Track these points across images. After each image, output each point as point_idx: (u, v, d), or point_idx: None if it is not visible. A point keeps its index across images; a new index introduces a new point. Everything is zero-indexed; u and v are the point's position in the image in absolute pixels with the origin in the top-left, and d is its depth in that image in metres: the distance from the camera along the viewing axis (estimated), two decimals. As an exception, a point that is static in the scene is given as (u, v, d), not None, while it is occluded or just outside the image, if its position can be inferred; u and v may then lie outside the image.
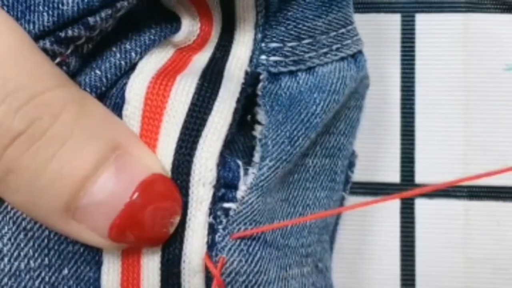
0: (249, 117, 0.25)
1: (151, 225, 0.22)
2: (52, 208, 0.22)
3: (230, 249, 0.23)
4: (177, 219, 0.23)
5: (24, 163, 0.21)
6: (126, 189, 0.22)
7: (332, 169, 0.27)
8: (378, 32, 0.28)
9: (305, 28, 0.26)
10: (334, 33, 0.27)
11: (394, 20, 0.32)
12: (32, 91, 0.21)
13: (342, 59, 0.27)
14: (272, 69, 0.25)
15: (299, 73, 0.26)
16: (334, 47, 0.27)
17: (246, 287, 0.23)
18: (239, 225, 0.23)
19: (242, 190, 0.23)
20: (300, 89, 0.26)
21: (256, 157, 0.24)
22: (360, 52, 0.28)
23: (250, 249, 0.23)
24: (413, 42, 0.32)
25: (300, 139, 0.25)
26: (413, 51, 0.32)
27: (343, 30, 0.27)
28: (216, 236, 0.23)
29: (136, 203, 0.22)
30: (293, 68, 0.26)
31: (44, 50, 0.22)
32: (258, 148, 0.24)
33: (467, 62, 0.32)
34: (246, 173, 0.24)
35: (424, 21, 0.32)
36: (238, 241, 0.23)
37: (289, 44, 0.26)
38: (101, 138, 0.22)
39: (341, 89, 0.26)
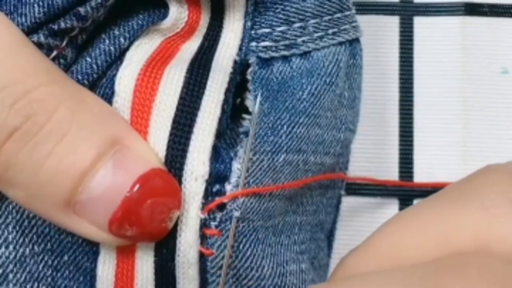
0: (238, 100, 0.25)
1: (149, 220, 0.22)
2: (53, 204, 0.22)
3: (220, 245, 0.23)
4: (176, 214, 0.23)
5: (21, 159, 0.21)
6: (124, 183, 0.22)
7: (333, 167, 0.27)
8: (376, 34, 0.28)
9: (293, 10, 0.25)
10: (329, 17, 0.26)
11: (392, 23, 0.32)
12: (26, 86, 0.21)
13: (340, 44, 0.26)
14: (263, 55, 0.25)
15: (293, 58, 0.26)
16: (330, 31, 0.26)
17: (238, 280, 0.23)
18: (231, 223, 0.23)
19: (229, 189, 0.23)
20: (292, 73, 0.25)
21: (241, 152, 0.24)
22: (357, 40, 0.27)
23: (241, 246, 0.23)
24: (412, 45, 0.32)
25: (285, 126, 0.24)
26: (411, 53, 0.32)
27: (339, 14, 0.26)
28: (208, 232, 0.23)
29: (134, 197, 0.22)
30: (286, 53, 0.25)
31: (40, 44, 0.23)
32: (242, 141, 0.24)
33: (464, 64, 0.32)
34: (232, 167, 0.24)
35: (422, 24, 0.32)
36: (229, 238, 0.23)
37: (279, 29, 0.25)
38: (99, 134, 0.22)
39: (334, 72, 0.26)
